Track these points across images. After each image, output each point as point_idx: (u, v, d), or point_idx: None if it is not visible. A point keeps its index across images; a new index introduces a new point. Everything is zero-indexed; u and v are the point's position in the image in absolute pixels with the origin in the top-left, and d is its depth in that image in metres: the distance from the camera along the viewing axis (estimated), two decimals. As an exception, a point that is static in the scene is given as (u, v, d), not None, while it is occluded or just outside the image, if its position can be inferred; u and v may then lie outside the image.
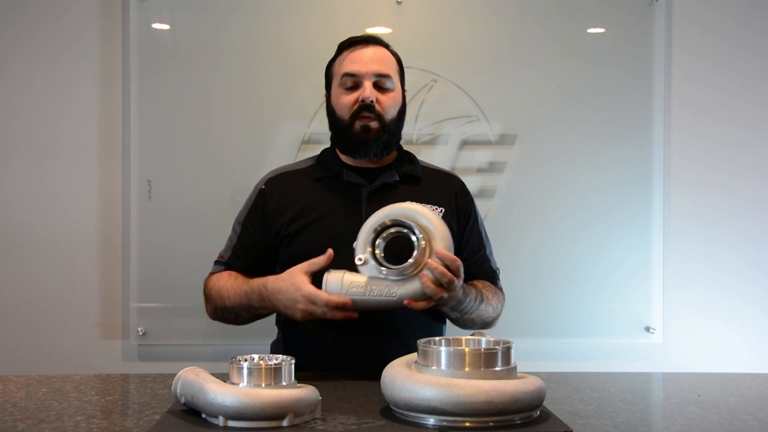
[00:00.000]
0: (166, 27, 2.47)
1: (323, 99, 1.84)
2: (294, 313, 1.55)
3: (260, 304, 1.62)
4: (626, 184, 2.51)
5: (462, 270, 1.49)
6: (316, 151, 1.88)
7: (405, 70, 1.82)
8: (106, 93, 2.49)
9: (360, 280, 1.47)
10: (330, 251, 1.54)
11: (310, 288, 1.50)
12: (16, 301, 2.49)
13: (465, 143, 2.50)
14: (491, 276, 1.83)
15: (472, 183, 2.49)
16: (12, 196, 2.49)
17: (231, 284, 1.68)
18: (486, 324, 1.75)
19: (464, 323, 1.71)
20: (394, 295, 1.46)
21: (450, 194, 1.80)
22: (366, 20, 2.49)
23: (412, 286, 1.45)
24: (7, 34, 2.49)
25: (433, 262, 1.43)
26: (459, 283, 1.49)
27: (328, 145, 1.85)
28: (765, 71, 2.57)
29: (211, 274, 1.77)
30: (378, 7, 2.49)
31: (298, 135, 2.46)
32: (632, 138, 2.51)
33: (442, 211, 1.74)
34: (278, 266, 1.73)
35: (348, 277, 1.48)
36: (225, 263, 1.76)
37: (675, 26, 2.55)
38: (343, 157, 1.78)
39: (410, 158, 1.83)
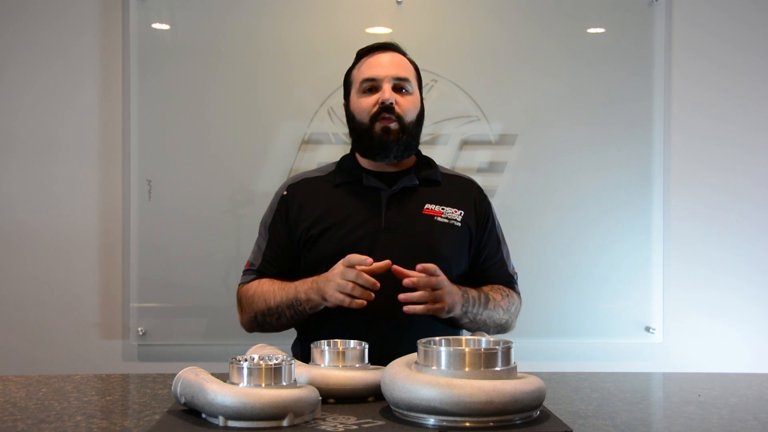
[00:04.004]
0: (166, 27, 2.47)
1: (323, 99, 1.84)
2: (329, 290, 1.55)
3: (306, 296, 1.60)
4: (626, 184, 2.51)
5: (440, 281, 1.54)
6: (316, 150, 1.88)
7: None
8: (106, 93, 2.49)
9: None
10: (388, 262, 1.53)
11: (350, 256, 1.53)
12: (16, 301, 2.49)
13: (465, 143, 2.50)
14: (508, 280, 1.84)
15: (472, 183, 2.49)
16: (12, 197, 2.49)
17: (276, 285, 1.67)
18: (501, 327, 1.76)
19: (478, 327, 1.72)
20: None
21: (469, 198, 1.81)
22: (366, 20, 2.49)
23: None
24: (7, 34, 2.49)
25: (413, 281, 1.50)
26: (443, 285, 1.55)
27: (328, 145, 1.85)
28: (765, 71, 2.57)
29: (243, 283, 1.76)
30: (378, 7, 2.49)
31: (298, 135, 2.45)
32: (632, 138, 2.51)
33: (461, 213, 1.75)
34: (301, 271, 1.73)
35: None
36: (256, 271, 1.75)
37: (675, 26, 2.55)
38: (364, 162, 1.78)
39: (429, 163, 1.83)
